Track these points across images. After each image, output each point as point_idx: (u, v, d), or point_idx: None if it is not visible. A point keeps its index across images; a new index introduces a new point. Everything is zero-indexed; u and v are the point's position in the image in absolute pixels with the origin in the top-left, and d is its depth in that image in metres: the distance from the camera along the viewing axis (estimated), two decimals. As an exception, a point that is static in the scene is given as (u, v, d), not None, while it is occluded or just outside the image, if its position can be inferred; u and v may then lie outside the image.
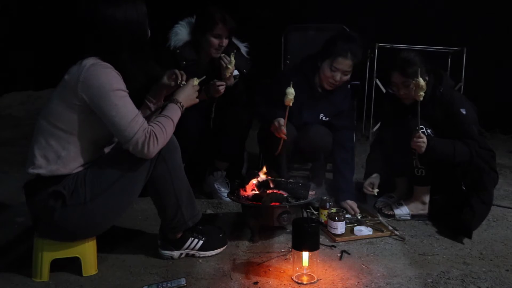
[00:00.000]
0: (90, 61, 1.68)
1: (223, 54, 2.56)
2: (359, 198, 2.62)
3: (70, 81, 1.68)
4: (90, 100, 1.66)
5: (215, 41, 2.65)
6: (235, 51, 2.60)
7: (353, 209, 2.49)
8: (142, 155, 1.69)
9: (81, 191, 1.69)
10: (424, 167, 2.40)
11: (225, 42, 2.68)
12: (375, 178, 2.56)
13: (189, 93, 1.90)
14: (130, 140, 1.66)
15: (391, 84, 2.49)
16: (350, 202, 2.52)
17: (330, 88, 2.64)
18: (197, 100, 1.95)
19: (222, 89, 2.56)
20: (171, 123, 1.77)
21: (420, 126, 2.30)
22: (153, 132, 1.68)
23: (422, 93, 2.26)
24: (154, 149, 1.69)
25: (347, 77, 2.62)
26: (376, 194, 2.50)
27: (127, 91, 1.71)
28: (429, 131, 2.37)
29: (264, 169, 2.36)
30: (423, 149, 2.28)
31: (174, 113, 1.81)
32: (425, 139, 2.28)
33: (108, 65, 1.69)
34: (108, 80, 1.66)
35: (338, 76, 2.57)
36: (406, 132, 2.36)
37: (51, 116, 1.71)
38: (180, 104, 1.85)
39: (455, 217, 2.31)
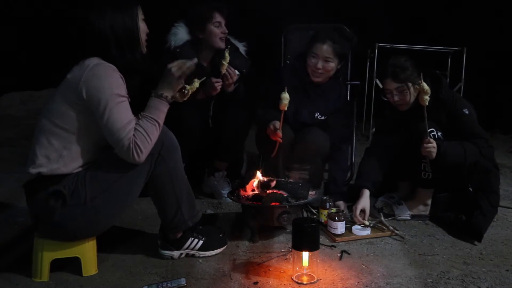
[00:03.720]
0: (93, 61, 1.69)
1: (227, 67, 2.57)
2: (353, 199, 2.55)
3: (73, 80, 1.69)
4: (88, 99, 1.66)
5: (217, 30, 2.67)
6: (229, 46, 2.61)
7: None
8: (129, 161, 1.69)
9: (81, 191, 1.69)
10: (433, 171, 2.37)
11: (226, 30, 2.70)
12: (365, 200, 2.36)
13: (169, 80, 1.77)
14: (116, 145, 1.67)
15: (385, 92, 2.44)
16: (338, 203, 2.50)
17: (317, 79, 2.63)
18: (181, 81, 1.81)
19: (218, 86, 2.57)
20: (155, 126, 1.72)
21: (431, 129, 2.27)
22: (135, 142, 1.66)
23: (427, 97, 2.23)
24: (139, 158, 1.68)
25: (330, 65, 2.59)
26: (368, 224, 2.29)
27: (127, 96, 1.71)
28: (439, 133, 2.32)
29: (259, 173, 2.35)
30: (434, 154, 2.24)
31: (158, 112, 1.74)
32: (435, 144, 2.24)
33: (112, 66, 1.70)
34: (109, 83, 1.67)
35: (319, 63, 2.57)
36: (411, 137, 2.34)
37: (53, 115, 1.71)
38: (163, 96, 1.76)
39: (465, 220, 2.30)
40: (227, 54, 2.51)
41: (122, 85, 1.70)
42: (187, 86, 1.93)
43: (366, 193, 2.38)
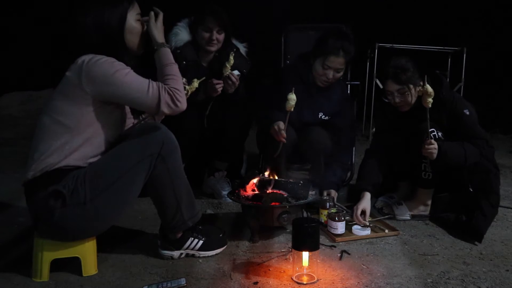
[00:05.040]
0: (87, 57, 1.71)
1: (229, 71, 2.56)
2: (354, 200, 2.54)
3: (73, 77, 1.70)
4: (100, 92, 1.68)
5: (206, 34, 2.66)
6: (234, 49, 2.61)
7: (332, 198, 2.47)
8: (177, 110, 1.73)
9: (81, 191, 1.69)
10: (433, 171, 2.37)
11: (218, 36, 2.67)
12: (366, 202, 2.36)
13: (158, 29, 1.84)
14: (158, 106, 1.69)
15: (386, 93, 2.43)
16: (331, 191, 2.52)
17: (322, 85, 2.65)
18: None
19: (219, 87, 2.56)
20: (176, 68, 1.79)
21: (432, 130, 2.27)
22: (173, 87, 1.71)
23: (431, 100, 2.22)
24: (183, 99, 1.73)
25: (340, 74, 2.63)
26: (368, 224, 2.29)
27: (129, 67, 1.73)
28: (440, 134, 2.32)
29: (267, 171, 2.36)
30: (435, 155, 2.25)
31: (172, 58, 1.81)
32: (436, 145, 2.24)
33: (104, 56, 1.72)
34: (108, 66, 1.69)
35: (330, 74, 2.58)
36: (412, 137, 2.33)
37: (54, 112, 1.72)
38: (164, 44, 1.83)
39: (465, 220, 2.30)
40: (231, 57, 2.50)
41: (118, 62, 1.72)
42: (187, 86, 1.93)
43: (367, 195, 2.38)
